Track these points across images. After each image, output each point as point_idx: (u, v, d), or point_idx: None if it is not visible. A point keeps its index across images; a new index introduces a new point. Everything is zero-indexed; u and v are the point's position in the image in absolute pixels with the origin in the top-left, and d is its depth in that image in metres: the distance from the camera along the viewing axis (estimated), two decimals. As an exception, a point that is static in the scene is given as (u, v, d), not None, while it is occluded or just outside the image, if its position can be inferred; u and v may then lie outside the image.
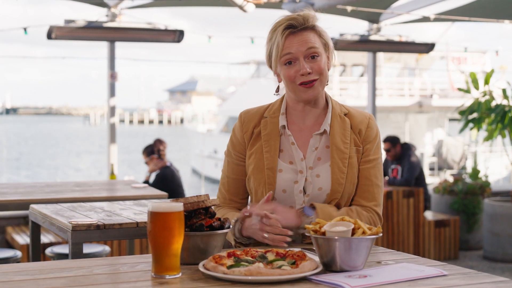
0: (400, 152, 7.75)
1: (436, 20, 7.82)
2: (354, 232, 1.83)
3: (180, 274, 1.78)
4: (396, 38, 8.14)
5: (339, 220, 1.87)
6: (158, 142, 7.51)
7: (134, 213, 3.13)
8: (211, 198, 2.01)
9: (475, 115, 7.73)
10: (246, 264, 1.76)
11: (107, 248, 4.46)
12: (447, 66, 20.78)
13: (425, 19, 7.94)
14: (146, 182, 7.11)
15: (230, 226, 1.99)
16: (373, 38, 8.08)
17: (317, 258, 1.85)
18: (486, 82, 7.86)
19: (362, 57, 20.05)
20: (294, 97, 2.32)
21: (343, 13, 7.47)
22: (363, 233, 1.82)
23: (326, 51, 2.31)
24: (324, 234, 1.82)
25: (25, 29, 6.86)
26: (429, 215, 7.83)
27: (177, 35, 7.10)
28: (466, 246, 8.05)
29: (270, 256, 1.84)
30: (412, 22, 8.55)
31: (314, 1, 6.78)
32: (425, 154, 17.52)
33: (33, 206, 3.30)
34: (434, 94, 20.23)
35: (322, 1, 6.75)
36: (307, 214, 2.20)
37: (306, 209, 2.23)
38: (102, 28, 7.00)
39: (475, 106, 7.66)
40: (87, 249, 4.25)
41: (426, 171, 16.09)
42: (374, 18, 8.20)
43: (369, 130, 2.33)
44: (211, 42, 7.96)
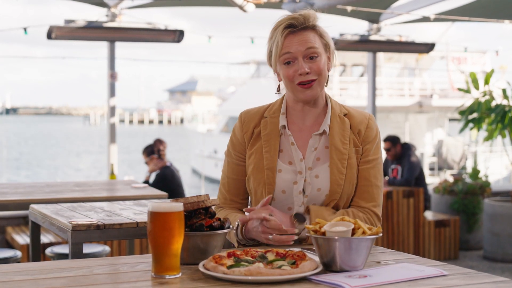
0: (400, 152, 7.75)
1: (436, 20, 7.81)
2: (354, 232, 1.83)
3: (180, 274, 1.78)
4: (396, 38, 8.14)
5: (339, 220, 1.87)
6: (158, 142, 7.51)
7: (134, 213, 3.13)
8: (211, 198, 2.00)
9: (475, 115, 7.73)
10: (246, 264, 1.76)
11: (107, 248, 4.46)
12: (447, 66, 20.78)
13: (425, 19, 7.94)
14: (146, 182, 7.11)
15: (230, 226, 1.99)
16: (373, 38, 8.08)
17: (317, 258, 1.85)
18: (486, 82, 7.86)
19: (362, 57, 20.05)
20: (293, 96, 2.31)
21: (343, 13, 7.47)
22: (363, 233, 1.82)
23: (327, 52, 2.30)
24: (324, 234, 1.82)
25: (25, 29, 6.86)
26: (429, 215, 7.83)
27: (177, 35, 7.10)
28: (466, 246, 8.05)
29: (270, 256, 1.84)
30: (412, 22, 8.55)
31: (314, 1, 6.78)
32: (425, 154, 17.51)
33: (33, 206, 3.30)
34: (434, 94, 20.22)
35: (322, 1, 6.75)
36: (299, 221, 2.20)
37: (297, 215, 2.22)
38: (102, 28, 7.00)
39: (475, 106, 7.67)
40: (87, 249, 4.25)
41: (426, 171, 16.09)
42: (374, 18, 8.20)
43: (368, 131, 2.31)
44: (211, 42, 7.96)
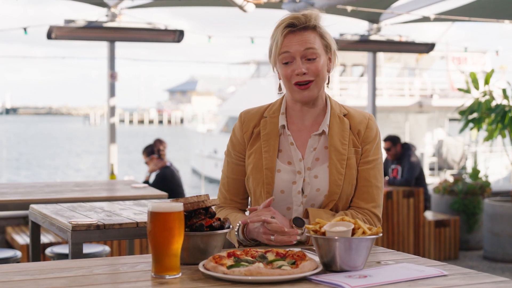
0: (400, 151, 7.75)
1: (436, 20, 7.81)
2: (354, 232, 1.83)
3: (180, 274, 1.78)
4: (396, 38, 8.14)
5: (339, 220, 1.87)
6: (158, 142, 7.51)
7: (134, 213, 3.13)
8: (211, 198, 2.00)
9: (475, 115, 7.73)
10: (246, 264, 1.76)
11: (107, 248, 4.46)
12: (447, 66, 20.78)
13: (425, 19, 7.94)
14: (146, 182, 7.11)
15: (230, 226, 1.99)
16: (373, 38, 8.08)
17: (317, 258, 1.85)
18: (486, 82, 7.86)
19: (362, 57, 20.04)
20: (291, 96, 2.32)
21: (343, 13, 7.46)
22: (363, 233, 1.82)
23: (328, 53, 2.29)
24: (324, 234, 1.82)
25: (25, 29, 6.85)
26: (429, 215, 7.83)
27: (177, 35, 7.10)
28: (466, 246, 8.05)
29: (270, 256, 1.84)
30: (412, 22, 8.55)
31: (314, 1, 6.78)
32: (425, 154, 17.51)
33: (33, 206, 3.30)
34: (434, 94, 20.22)
35: (322, 1, 6.75)
36: (298, 226, 2.19)
37: (296, 219, 2.22)
38: (102, 28, 7.00)
39: (475, 106, 7.66)
40: (87, 249, 4.25)
41: (426, 171, 16.08)
42: (374, 18, 8.20)
43: (368, 131, 2.31)
44: (211, 42, 7.95)
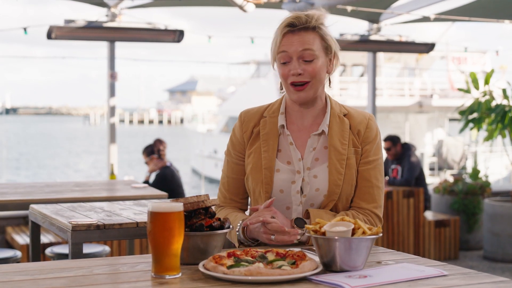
0: (400, 151, 7.75)
1: (436, 20, 7.81)
2: (354, 232, 1.83)
3: (180, 274, 1.78)
4: (396, 38, 8.14)
5: (339, 220, 1.87)
6: (158, 142, 7.51)
7: (134, 213, 3.13)
8: (211, 198, 2.00)
9: (475, 115, 7.73)
10: (246, 264, 1.76)
11: (107, 248, 4.46)
12: (447, 66, 20.79)
13: (425, 19, 7.94)
14: (146, 182, 7.11)
15: (230, 226, 1.99)
16: (373, 38, 8.07)
17: (317, 258, 1.85)
18: (486, 82, 7.86)
19: (362, 57, 20.04)
20: (288, 96, 2.32)
21: (343, 13, 7.46)
22: (363, 233, 1.82)
23: (328, 55, 2.28)
24: (324, 234, 1.82)
25: (25, 29, 6.85)
26: (429, 215, 7.83)
27: (177, 35, 7.10)
28: (466, 246, 8.05)
29: (270, 256, 1.84)
30: (412, 22, 8.55)
31: (314, 1, 6.78)
32: (425, 154, 17.51)
33: (33, 206, 3.30)
34: (434, 94, 20.22)
35: (322, 1, 6.75)
36: (299, 226, 2.19)
37: (298, 220, 2.22)
38: (102, 28, 7.00)
39: (475, 106, 7.66)
40: (87, 249, 4.25)
41: (426, 171, 16.08)
42: (374, 18, 8.19)
43: (368, 131, 2.30)
44: (211, 42, 7.95)
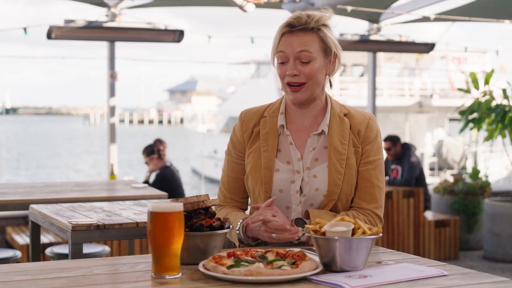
0: (400, 151, 7.75)
1: (436, 20, 7.81)
2: (354, 232, 1.83)
3: (180, 274, 1.78)
4: (396, 38, 8.13)
5: (339, 220, 1.87)
6: (158, 142, 7.51)
7: (134, 213, 3.13)
8: (211, 198, 2.00)
9: (475, 115, 7.73)
10: (246, 264, 1.76)
11: (107, 248, 4.46)
12: (447, 66, 20.79)
13: (425, 19, 7.94)
14: (146, 182, 7.11)
15: (230, 226, 1.99)
16: (373, 38, 8.07)
17: (317, 258, 1.85)
18: (486, 82, 7.86)
19: (362, 57, 20.04)
20: (286, 96, 2.32)
21: (343, 13, 7.46)
22: (363, 233, 1.82)
23: (327, 56, 2.27)
24: (324, 234, 1.82)
25: (25, 29, 6.85)
26: (429, 215, 7.83)
27: (177, 35, 7.10)
28: (466, 246, 8.04)
29: (270, 256, 1.84)
30: (412, 22, 8.54)
31: (314, 1, 6.77)
32: (425, 154, 17.51)
33: (33, 206, 3.30)
34: (434, 94, 20.22)
35: (322, 1, 6.74)
36: (299, 226, 2.19)
37: (298, 221, 2.22)
38: (102, 28, 6.99)
39: (475, 106, 7.66)
40: (87, 249, 4.25)
41: (426, 171, 16.08)
42: (374, 18, 8.19)
43: (368, 131, 2.30)
44: (211, 42, 7.95)
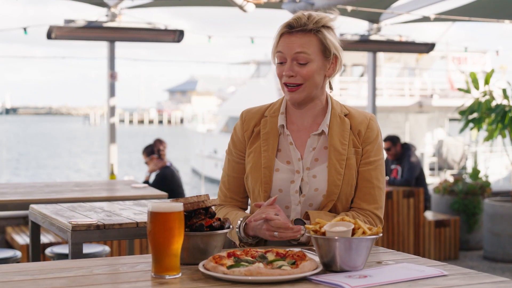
0: (400, 151, 7.75)
1: (436, 20, 7.81)
2: (354, 232, 1.83)
3: (180, 274, 1.78)
4: (396, 38, 8.13)
5: (339, 220, 1.87)
6: (158, 142, 7.51)
7: (134, 213, 3.13)
8: (211, 198, 2.00)
9: (475, 115, 7.73)
10: (246, 264, 1.76)
11: (107, 248, 4.46)
12: (447, 66, 20.79)
13: (425, 19, 7.94)
14: (146, 182, 7.10)
15: (230, 226, 1.99)
16: (373, 38, 8.07)
17: (317, 258, 1.85)
18: (486, 82, 7.86)
19: (362, 57, 20.03)
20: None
21: (343, 13, 7.45)
22: (363, 233, 1.82)
23: (327, 58, 2.26)
24: (324, 234, 1.82)
25: (25, 29, 6.85)
26: (429, 215, 7.83)
27: (177, 35, 7.10)
28: (466, 246, 8.04)
29: (270, 256, 1.84)
30: (412, 22, 8.54)
31: (314, 1, 6.77)
32: (425, 154, 17.50)
33: (33, 206, 3.30)
34: (434, 94, 20.22)
35: (322, 1, 6.74)
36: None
37: (297, 221, 2.22)
38: (102, 28, 6.99)
39: (475, 106, 7.66)
40: (87, 249, 4.25)
41: (426, 171, 16.07)
42: (374, 18, 8.19)
43: (369, 131, 2.30)
44: (211, 42, 7.95)
